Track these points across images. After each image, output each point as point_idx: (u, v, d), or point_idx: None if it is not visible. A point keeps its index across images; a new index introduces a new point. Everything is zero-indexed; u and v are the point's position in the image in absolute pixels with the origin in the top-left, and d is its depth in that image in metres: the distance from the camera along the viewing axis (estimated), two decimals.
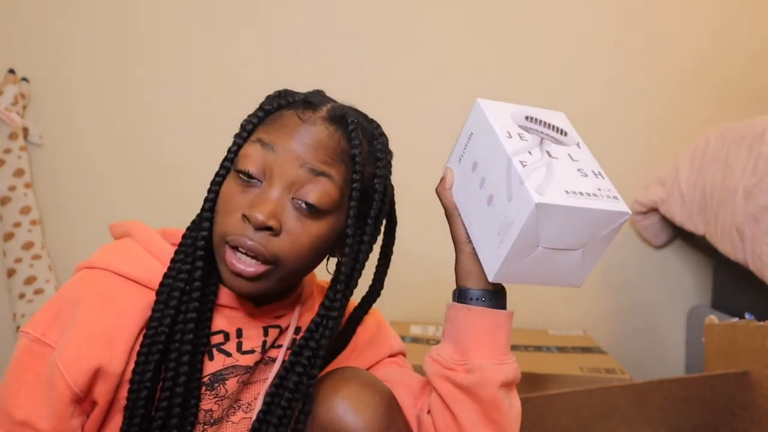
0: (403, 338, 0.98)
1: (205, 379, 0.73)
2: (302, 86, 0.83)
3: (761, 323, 1.06)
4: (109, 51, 1.72)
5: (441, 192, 0.77)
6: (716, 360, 1.15)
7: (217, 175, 0.72)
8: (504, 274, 0.66)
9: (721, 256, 1.46)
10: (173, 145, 1.72)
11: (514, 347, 1.50)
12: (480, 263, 0.70)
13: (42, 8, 1.71)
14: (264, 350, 0.77)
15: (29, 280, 1.63)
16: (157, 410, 0.70)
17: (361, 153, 0.71)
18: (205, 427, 0.74)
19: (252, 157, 0.69)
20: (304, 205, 0.68)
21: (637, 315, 1.78)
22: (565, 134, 0.72)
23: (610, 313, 1.78)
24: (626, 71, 1.73)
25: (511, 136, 0.68)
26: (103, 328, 0.68)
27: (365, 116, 0.77)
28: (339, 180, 0.70)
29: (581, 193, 0.63)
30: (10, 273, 1.64)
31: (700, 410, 1.08)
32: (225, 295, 0.75)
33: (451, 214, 0.75)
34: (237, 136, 0.73)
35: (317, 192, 0.68)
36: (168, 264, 0.72)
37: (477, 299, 0.73)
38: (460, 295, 0.74)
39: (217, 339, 0.74)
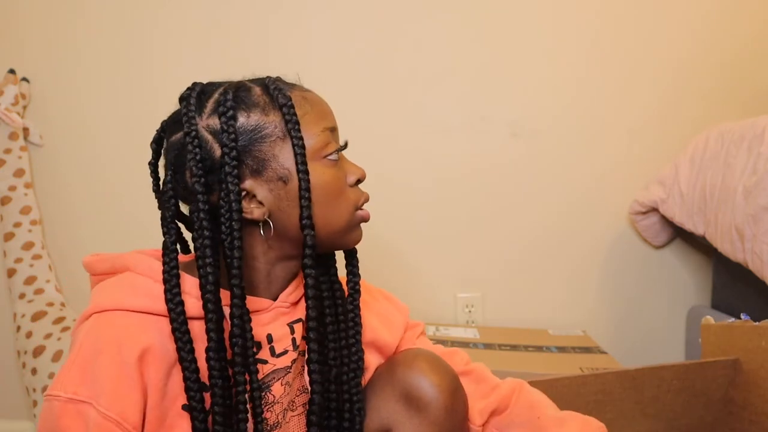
0: None
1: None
2: (306, 85, 0.83)
3: (757, 323, 1.06)
4: (109, 51, 1.72)
5: None
6: None
7: (303, 181, 0.73)
8: None
9: (721, 256, 1.46)
10: None
11: (513, 347, 1.52)
12: None
13: (42, 8, 1.71)
14: (295, 347, 0.80)
15: (29, 280, 1.63)
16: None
17: None
18: None
19: (334, 141, 0.79)
20: None
21: (637, 315, 1.78)
22: None
23: (610, 313, 1.78)
24: (626, 70, 1.73)
25: None
26: (133, 369, 0.68)
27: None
28: None
29: None
30: (11, 273, 1.64)
31: (694, 401, 1.09)
32: None
33: None
34: (296, 137, 0.73)
35: None
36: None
37: None
38: None
39: None
